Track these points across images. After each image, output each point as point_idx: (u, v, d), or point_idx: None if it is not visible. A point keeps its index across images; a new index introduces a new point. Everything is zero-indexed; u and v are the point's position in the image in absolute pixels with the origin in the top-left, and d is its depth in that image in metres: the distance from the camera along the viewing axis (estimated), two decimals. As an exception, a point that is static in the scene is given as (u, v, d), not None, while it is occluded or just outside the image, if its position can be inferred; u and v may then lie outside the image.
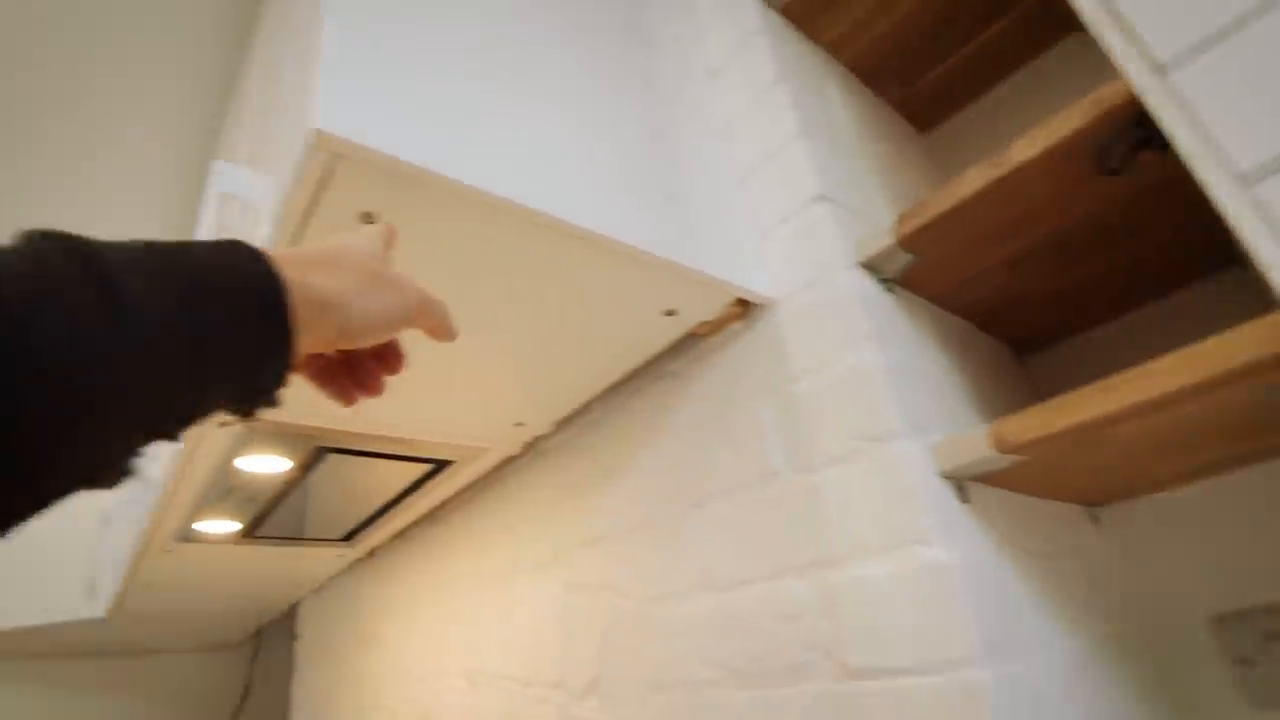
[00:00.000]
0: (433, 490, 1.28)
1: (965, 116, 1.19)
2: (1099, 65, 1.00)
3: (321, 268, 0.36)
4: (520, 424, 1.05)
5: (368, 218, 0.54)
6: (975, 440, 0.62)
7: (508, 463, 1.24)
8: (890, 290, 0.78)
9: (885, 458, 0.65)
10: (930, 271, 0.79)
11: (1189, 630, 0.85)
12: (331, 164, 0.51)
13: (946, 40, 1.06)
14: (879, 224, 0.84)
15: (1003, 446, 0.59)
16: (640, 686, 0.85)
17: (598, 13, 0.93)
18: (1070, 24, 1.04)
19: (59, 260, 0.25)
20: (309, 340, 0.34)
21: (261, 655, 2.62)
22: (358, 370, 0.42)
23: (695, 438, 0.86)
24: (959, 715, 0.55)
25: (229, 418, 0.34)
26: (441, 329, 0.43)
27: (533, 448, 1.18)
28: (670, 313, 0.80)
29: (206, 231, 0.72)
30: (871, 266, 0.76)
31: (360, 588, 1.74)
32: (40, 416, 0.22)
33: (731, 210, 0.85)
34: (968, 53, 1.09)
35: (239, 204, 0.74)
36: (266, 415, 0.89)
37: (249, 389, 0.32)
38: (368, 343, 0.39)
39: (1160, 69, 0.56)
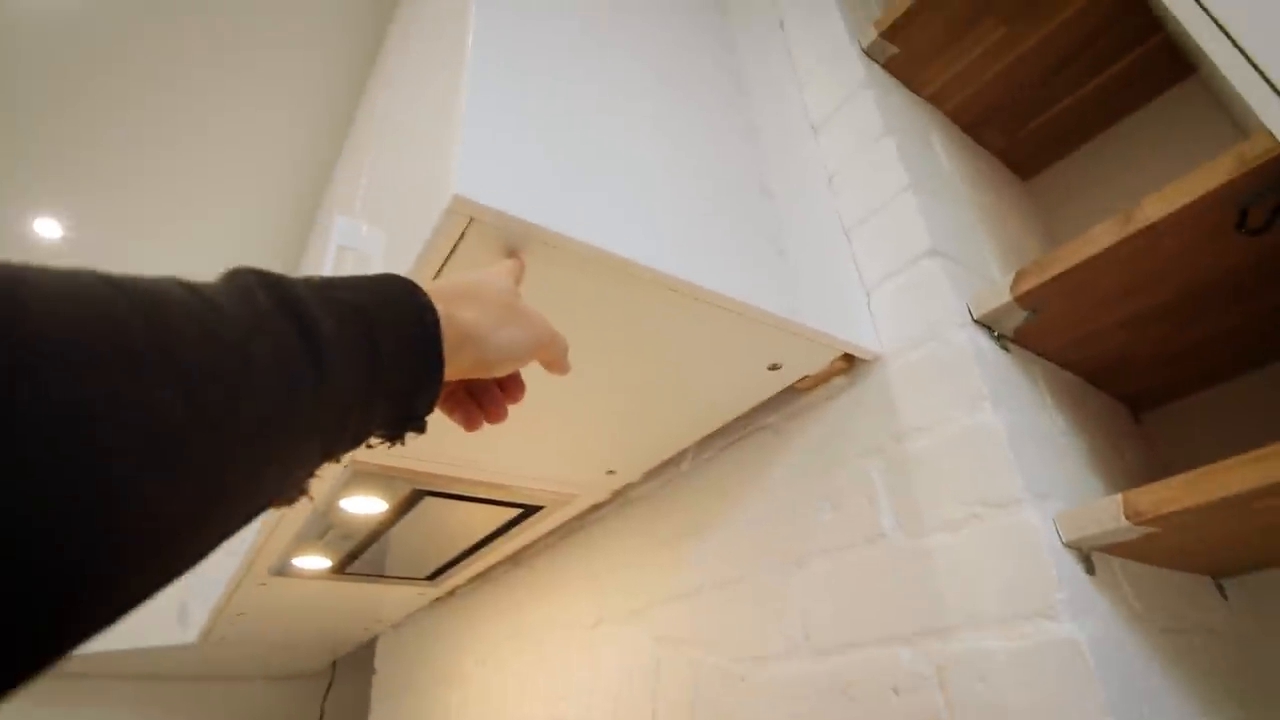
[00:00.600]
0: (519, 534, 1.30)
1: (1068, 163, 1.16)
2: (1206, 114, 0.98)
3: (464, 301, 0.39)
4: (612, 471, 1.06)
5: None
6: (1106, 510, 0.59)
7: (594, 510, 1.24)
8: (1005, 348, 0.75)
9: (1006, 524, 0.62)
10: (1047, 329, 0.76)
11: (1341, 721, 0.78)
12: (464, 225, 0.54)
13: (1051, 88, 1.05)
14: (990, 278, 0.83)
15: (1137, 519, 0.56)
16: None
17: (691, 53, 0.95)
18: (1176, 72, 1.01)
19: (264, 298, 0.27)
20: (450, 369, 0.36)
21: (335, 686, 2.67)
22: (482, 397, 0.45)
23: (794, 494, 0.85)
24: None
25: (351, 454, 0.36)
26: (559, 364, 0.47)
27: (621, 495, 1.18)
28: (774, 367, 0.80)
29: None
30: (987, 323, 0.75)
31: (440, 626, 1.76)
32: (253, 439, 0.24)
33: (837, 265, 0.85)
34: (1072, 102, 1.07)
35: (355, 256, 0.78)
36: (372, 457, 0.93)
37: (404, 415, 0.35)
38: (499, 373, 0.42)
39: (1308, 125, 0.54)
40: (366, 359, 0.30)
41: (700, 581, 0.96)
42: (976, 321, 0.74)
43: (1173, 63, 1.00)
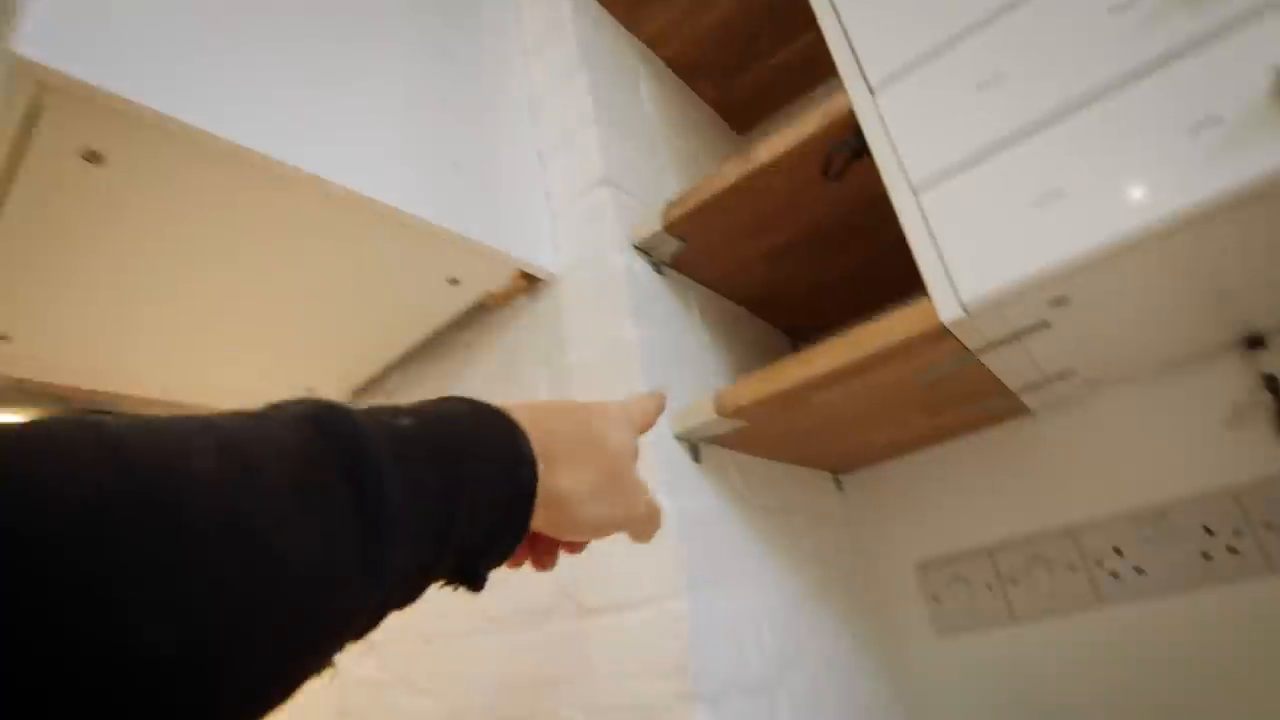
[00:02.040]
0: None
1: (781, 120, 1.28)
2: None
3: (570, 462, 0.34)
4: (311, 390, 1.04)
5: (93, 156, 0.52)
6: (703, 406, 0.69)
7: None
8: (661, 273, 0.84)
9: (631, 420, 0.71)
10: (699, 258, 0.86)
11: (900, 575, 1.00)
12: (33, 93, 0.48)
13: (763, 42, 1.14)
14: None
15: (722, 411, 0.67)
16: (417, 640, 0.88)
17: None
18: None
19: (319, 450, 0.23)
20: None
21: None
22: (536, 543, 0.38)
23: (480, 404, 0.90)
24: (664, 639, 0.62)
25: None
26: (644, 539, 0.41)
27: (332, 415, 1.16)
28: (454, 281, 0.83)
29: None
30: (644, 249, 0.83)
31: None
32: (277, 632, 0.20)
33: (528, 188, 0.89)
34: (782, 58, 1.17)
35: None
36: (13, 368, 0.83)
37: (467, 573, 0.30)
38: (571, 539, 0.37)
39: (871, 89, 0.65)
40: (437, 527, 0.26)
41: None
42: (636, 248, 0.81)
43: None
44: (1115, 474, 0.91)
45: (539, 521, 0.33)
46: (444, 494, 0.26)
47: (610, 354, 0.75)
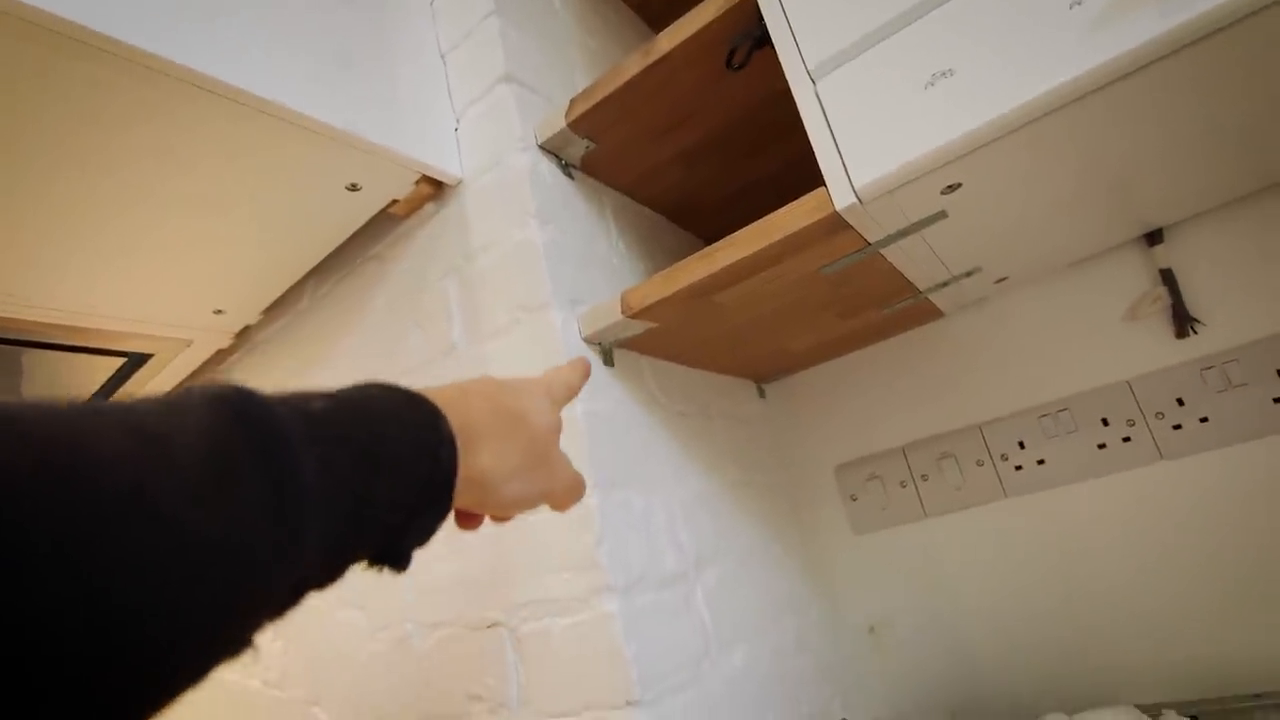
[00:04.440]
0: (137, 391, 1.18)
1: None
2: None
3: (494, 440, 0.34)
4: (220, 311, 1.00)
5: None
6: (611, 307, 0.68)
7: (220, 358, 1.17)
8: (570, 175, 0.82)
9: (537, 326, 0.70)
10: (610, 159, 0.84)
11: (820, 477, 1.03)
12: None
13: None
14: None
15: (628, 311, 0.67)
16: (337, 560, 0.88)
17: None
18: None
19: (237, 439, 0.22)
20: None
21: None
22: (461, 514, 0.39)
23: (392, 320, 0.87)
24: (576, 537, 0.63)
25: None
26: (563, 509, 0.43)
27: (246, 340, 1.12)
28: (354, 187, 0.79)
29: None
30: (550, 149, 0.80)
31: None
32: (187, 610, 0.19)
33: (429, 89, 0.84)
34: None
35: None
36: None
37: (390, 553, 0.30)
38: (495, 514, 0.39)
39: (771, -26, 0.63)
40: (353, 507, 0.26)
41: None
42: (541, 147, 0.78)
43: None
44: (1021, 371, 0.94)
45: (462, 500, 0.33)
46: (361, 474, 0.26)
47: (515, 258, 0.73)
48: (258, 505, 0.22)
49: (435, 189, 0.83)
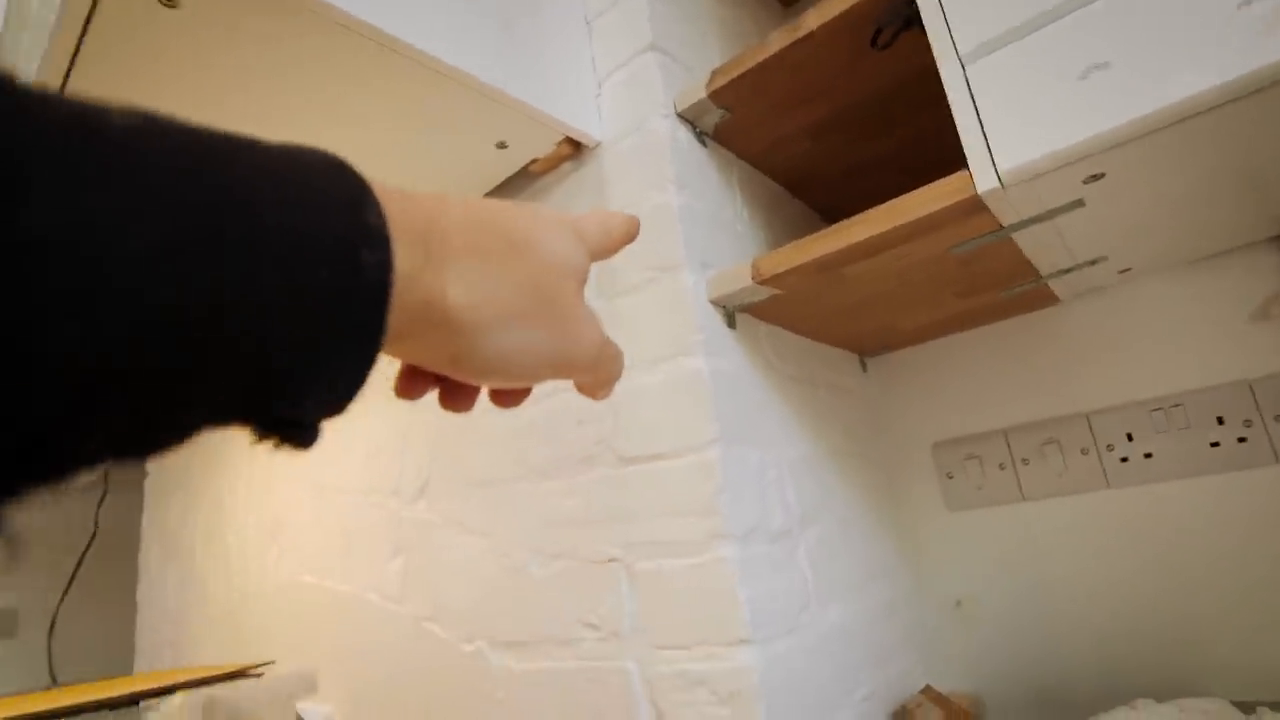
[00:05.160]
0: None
1: None
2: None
3: (474, 259, 0.24)
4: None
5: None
6: (741, 272, 0.72)
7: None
8: (703, 143, 0.86)
9: (669, 286, 0.75)
10: (742, 129, 0.87)
11: (917, 453, 1.05)
12: None
13: None
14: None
15: (758, 277, 0.71)
16: (464, 485, 0.96)
17: None
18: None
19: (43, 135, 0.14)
20: (404, 350, 0.24)
21: (110, 495, 2.59)
22: (447, 383, 0.28)
23: (524, 270, 0.94)
24: (697, 485, 0.68)
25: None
26: (602, 391, 0.32)
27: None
28: (502, 145, 0.85)
29: None
30: (688, 118, 0.84)
31: (211, 420, 1.76)
32: None
33: (575, 54, 0.89)
34: None
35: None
36: None
37: (278, 412, 0.20)
38: (486, 385, 0.28)
39: (927, -44, 0.64)
40: (177, 304, 0.16)
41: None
42: (679, 115, 0.82)
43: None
44: (1136, 363, 0.93)
45: (425, 351, 0.24)
46: (197, 262, 0.16)
47: (652, 220, 0.78)
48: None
49: (574, 150, 0.88)
